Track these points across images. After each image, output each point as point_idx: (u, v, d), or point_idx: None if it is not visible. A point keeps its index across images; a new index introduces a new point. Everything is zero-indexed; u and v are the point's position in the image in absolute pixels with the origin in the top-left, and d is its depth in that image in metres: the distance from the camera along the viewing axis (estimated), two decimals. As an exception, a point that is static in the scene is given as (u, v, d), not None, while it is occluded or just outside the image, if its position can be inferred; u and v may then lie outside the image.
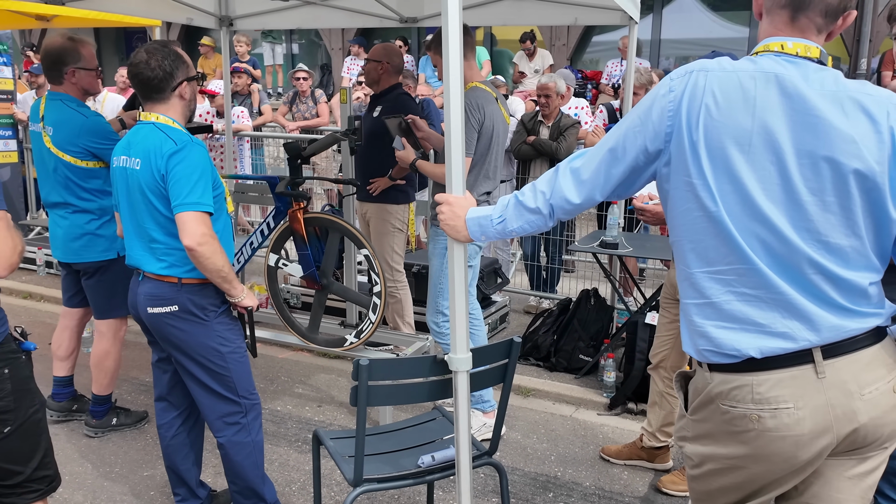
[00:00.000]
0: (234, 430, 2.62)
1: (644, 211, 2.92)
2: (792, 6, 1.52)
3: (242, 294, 2.56)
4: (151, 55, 2.49)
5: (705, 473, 1.69)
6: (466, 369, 2.01)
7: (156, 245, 2.52)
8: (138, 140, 2.50)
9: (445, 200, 1.95)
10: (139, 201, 2.49)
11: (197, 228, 2.38)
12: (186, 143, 2.44)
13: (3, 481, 2.01)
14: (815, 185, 1.45)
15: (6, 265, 1.87)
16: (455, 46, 1.89)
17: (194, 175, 2.41)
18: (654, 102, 1.56)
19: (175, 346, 2.55)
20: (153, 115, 2.54)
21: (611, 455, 3.46)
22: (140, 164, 2.46)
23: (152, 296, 2.53)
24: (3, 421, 1.95)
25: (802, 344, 1.49)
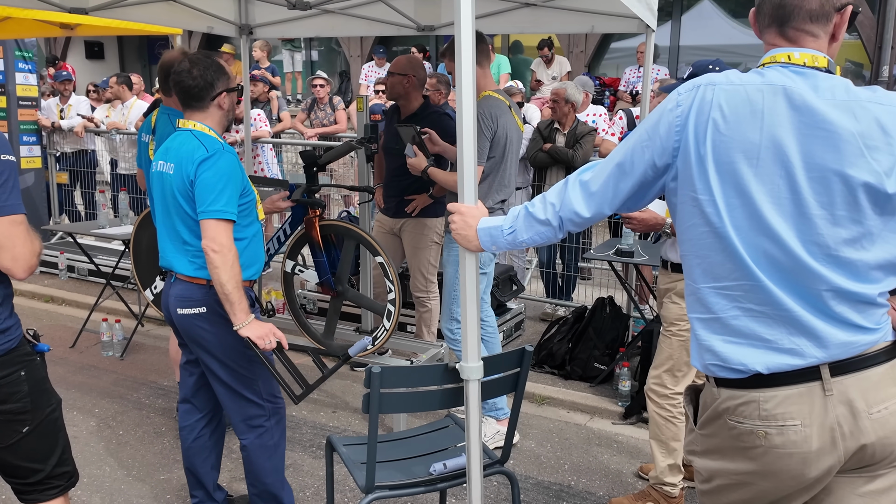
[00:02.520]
0: (258, 433, 2.65)
1: (631, 219, 2.92)
2: (777, 22, 1.53)
3: (243, 322, 2.45)
4: (194, 65, 2.55)
5: (714, 489, 1.69)
6: (477, 378, 2.02)
7: (188, 247, 2.56)
8: (175, 146, 2.56)
9: (457, 210, 1.97)
10: (172, 205, 2.55)
11: (216, 236, 2.41)
12: (217, 150, 2.48)
13: (25, 479, 2.07)
14: (824, 199, 1.44)
15: (25, 267, 1.93)
16: (468, 55, 1.91)
17: (220, 183, 2.44)
18: (662, 117, 1.57)
19: (203, 348, 2.59)
20: (191, 122, 2.59)
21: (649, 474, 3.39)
22: (173, 168, 2.52)
23: (182, 297, 2.57)
24: (21, 421, 2.00)
25: (810, 360, 1.48)
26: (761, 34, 1.60)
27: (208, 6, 4.90)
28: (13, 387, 1.98)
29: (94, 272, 6.22)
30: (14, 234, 1.90)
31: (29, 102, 7.50)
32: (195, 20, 5.04)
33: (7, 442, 2.00)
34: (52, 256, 6.63)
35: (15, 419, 2.00)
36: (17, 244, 1.90)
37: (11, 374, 1.97)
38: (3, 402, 1.97)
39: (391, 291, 3.60)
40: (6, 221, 1.88)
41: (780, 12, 1.53)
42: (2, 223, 1.88)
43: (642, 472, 3.40)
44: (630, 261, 4.20)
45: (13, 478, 2.08)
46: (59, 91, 7.70)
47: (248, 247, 2.61)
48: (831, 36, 1.54)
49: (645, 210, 2.91)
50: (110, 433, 3.77)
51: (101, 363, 4.74)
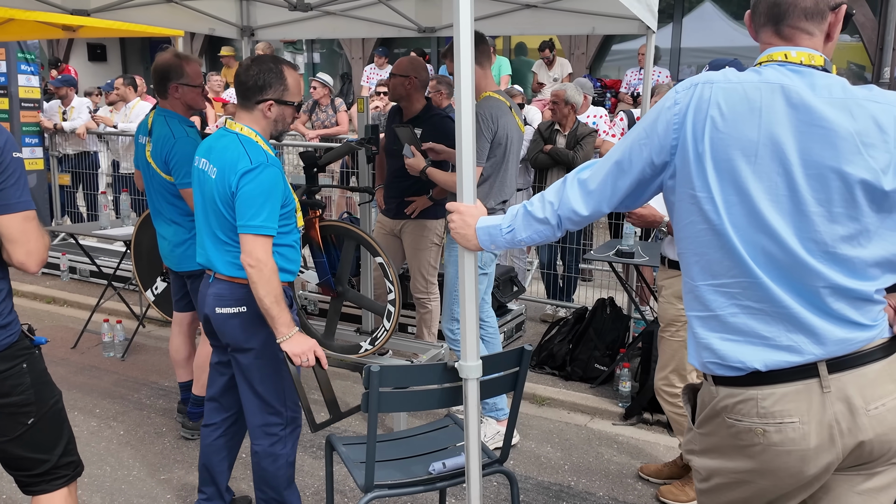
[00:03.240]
0: (272, 441, 2.63)
1: (632, 213, 2.94)
2: (772, 21, 1.54)
3: (285, 336, 2.43)
4: (255, 63, 2.53)
5: (713, 487, 1.69)
6: (476, 377, 2.03)
7: (228, 247, 2.54)
8: (219, 148, 2.52)
9: (456, 209, 1.97)
10: (211, 207, 2.53)
11: (253, 250, 2.39)
12: (261, 162, 2.42)
13: (31, 471, 2.09)
14: (822, 196, 1.45)
15: (39, 261, 1.97)
16: (467, 56, 1.91)
17: (261, 197, 2.40)
18: (660, 115, 1.57)
19: (238, 347, 2.57)
20: (238, 125, 2.55)
21: (650, 475, 3.38)
22: (216, 174, 2.48)
23: (221, 296, 2.56)
24: (26, 413, 2.03)
25: (808, 357, 1.48)
26: (757, 34, 1.60)
27: (210, 8, 4.92)
28: (16, 379, 2.01)
29: (95, 273, 6.23)
30: (28, 229, 1.94)
31: (31, 104, 7.53)
32: (197, 22, 5.05)
33: (14, 434, 2.03)
34: (54, 258, 6.64)
35: (19, 411, 2.02)
36: (31, 239, 1.94)
37: (14, 366, 2.00)
38: (7, 395, 1.99)
39: (391, 292, 3.61)
40: (20, 217, 1.92)
41: (776, 11, 1.54)
42: (16, 219, 1.91)
43: (642, 473, 3.40)
44: (630, 261, 4.20)
45: (19, 470, 2.10)
46: (59, 95, 7.71)
47: (286, 253, 2.57)
48: (826, 35, 1.55)
49: (645, 206, 2.92)
50: (111, 433, 3.77)
51: (102, 364, 4.75)
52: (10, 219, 1.91)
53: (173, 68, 3.45)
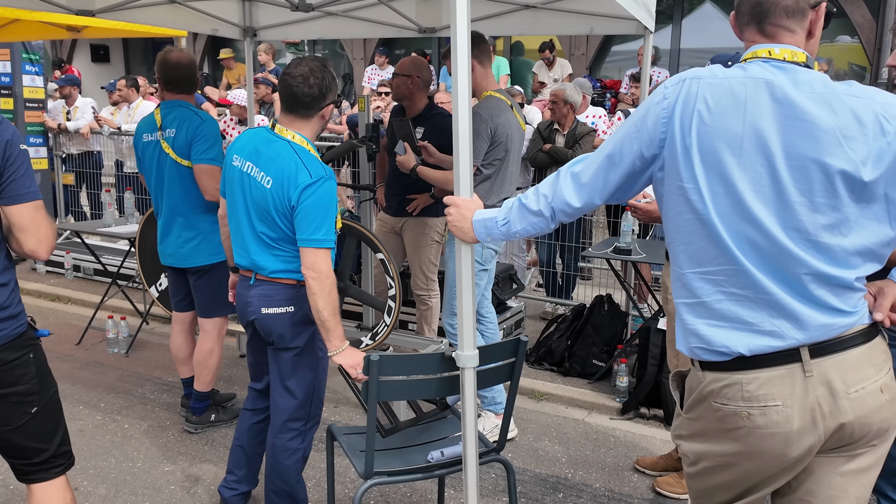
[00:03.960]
0: (291, 436, 2.69)
1: (637, 209, 3.00)
2: (756, 19, 1.60)
3: (338, 349, 2.48)
4: (313, 73, 2.51)
5: (701, 471, 1.74)
6: (473, 366, 2.08)
7: (277, 251, 2.56)
8: (271, 156, 2.50)
9: (453, 203, 2.03)
10: (262, 215, 2.53)
11: (315, 263, 2.43)
12: (321, 176, 2.45)
13: (31, 459, 2.14)
14: (804, 187, 1.50)
15: (48, 248, 2.04)
16: (463, 54, 1.97)
17: (322, 211, 2.44)
18: (650, 110, 1.63)
19: (281, 342, 2.62)
20: (290, 132, 2.55)
21: (646, 467, 3.43)
22: (272, 184, 2.48)
23: (269, 297, 2.58)
24: (30, 402, 2.09)
25: (790, 342, 1.54)
26: (742, 33, 1.66)
27: (212, 8, 4.98)
28: (23, 369, 2.07)
29: (99, 272, 6.29)
30: (37, 218, 2.00)
31: (35, 104, 7.60)
32: (199, 22, 5.11)
33: (17, 423, 2.08)
34: (58, 256, 6.71)
35: (24, 400, 2.08)
36: (41, 227, 2.01)
37: (22, 356, 2.06)
38: (15, 384, 2.05)
39: (391, 288, 3.66)
40: (30, 207, 1.99)
41: (758, 10, 1.60)
42: (26, 209, 1.98)
43: (638, 466, 3.46)
44: (628, 258, 4.26)
45: (19, 459, 2.16)
46: (63, 94, 7.78)
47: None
48: (808, 32, 1.61)
49: (652, 202, 2.98)
50: (115, 427, 3.83)
51: (106, 360, 4.81)
52: (20, 208, 1.98)
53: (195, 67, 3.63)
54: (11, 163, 1.94)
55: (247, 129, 6.08)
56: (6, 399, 2.05)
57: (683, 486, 3.21)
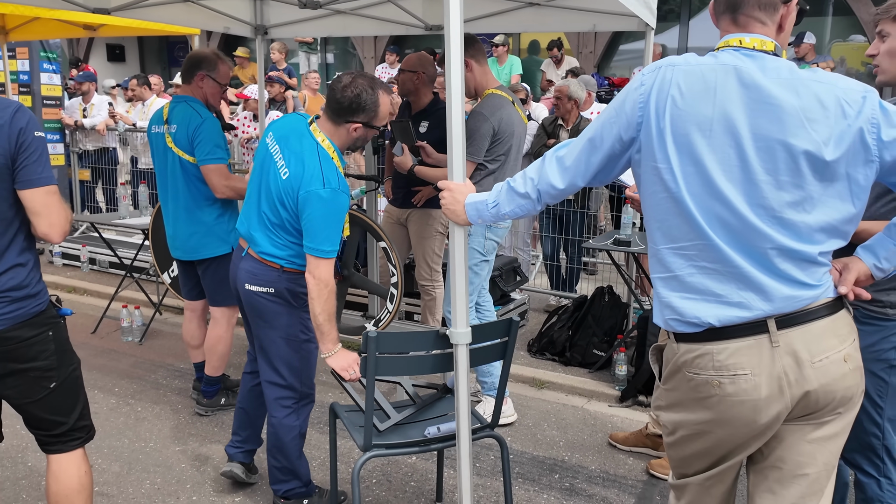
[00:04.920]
0: (286, 413, 2.81)
1: (634, 199, 3.10)
2: (730, 9, 1.70)
3: (330, 352, 2.58)
4: (353, 84, 2.58)
5: (678, 440, 1.84)
6: (466, 343, 2.19)
7: (272, 235, 2.67)
8: (296, 149, 2.58)
9: (447, 187, 2.14)
10: (271, 198, 2.63)
11: (318, 271, 2.53)
12: (334, 188, 2.51)
13: (50, 431, 2.26)
14: (770, 166, 1.60)
15: (61, 232, 2.14)
16: (456, 44, 2.08)
17: (331, 223, 2.52)
18: (628, 96, 1.73)
19: (262, 319, 2.74)
20: (321, 134, 2.63)
21: (618, 441, 3.60)
22: (287, 176, 2.56)
23: (253, 274, 2.71)
24: (48, 378, 2.20)
25: (757, 313, 1.63)
26: (717, 21, 1.76)
27: (224, 7, 5.11)
28: (42, 345, 2.18)
29: (114, 264, 6.45)
30: (50, 202, 2.10)
31: (53, 102, 7.79)
32: (212, 21, 5.25)
33: (36, 397, 2.20)
34: (74, 249, 6.88)
35: (43, 376, 2.19)
36: (53, 212, 2.11)
37: (40, 333, 2.17)
38: (33, 360, 2.16)
39: (394, 275, 3.77)
40: (42, 192, 2.09)
41: (733, 1, 1.70)
42: (39, 193, 2.09)
43: (612, 440, 3.63)
44: (627, 250, 4.34)
45: (39, 430, 2.28)
46: (82, 91, 7.96)
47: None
48: (779, 26, 1.70)
49: None
50: (129, 410, 3.97)
51: (120, 347, 4.96)
52: (33, 193, 2.08)
53: (207, 60, 3.66)
54: (25, 149, 2.04)
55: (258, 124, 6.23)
56: (26, 374, 2.17)
57: None
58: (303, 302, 2.72)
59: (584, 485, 3.26)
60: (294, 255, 2.68)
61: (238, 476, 3.10)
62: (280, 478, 2.88)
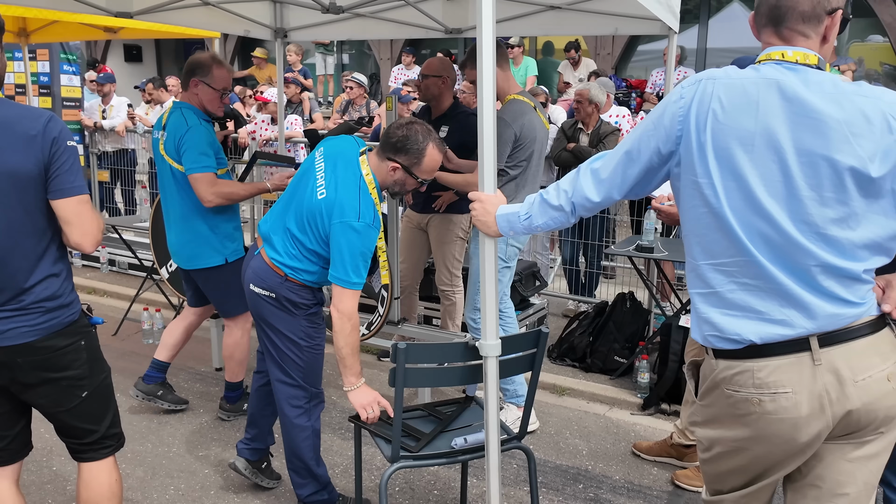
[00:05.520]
0: (297, 413, 2.82)
1: (660, 211, 3.06)
2: (772, 22, 1.67)
3: (353, 385, 2.58)
4: (407, 127, 2.64)
5: (714, 456, 1.82)
6: (495, 355, 2.17)
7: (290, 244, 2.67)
8: (340, 175, 2.60)
9: (477, 198, 2.13)
10: (299, 215, 2.65)
11: (342, 303, 2.55)
12: (368, 224, 2.53)
13: (82, 440, 2.28)
14: (813, 182, 1.57)
15: (93, 242, 2.14)
16: (488, 51, 2.07)
17: (360, 256, 2.55)
18: (667, 108, 1.71)
19: (264, 322, 2.76)
20: (367, 167, 2.65)
21: (642, 451, 3.57)
22: (324, 197, 2.58)
23: (259, 277, 2.73)
24: (80, 386, 2.21)
25: (799, 331, 1.61)
26: (759, 34, 1.73)
27: (245, 10, 5.12)
28: (75, 354, 2.19)
29: (133, 266, 6.48)
30: (82, 211, 2.10)
31: (72, 103, 7.84)
32: (232, 24, 5.26)
33: (69, 405, 2.21)
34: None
35: (76, 384, 2.20)
36: (85, 221, 2.11)
37: (73, 343, 2.18)
38: (66, 369, 2.17)
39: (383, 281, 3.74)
40: (75, 201, 2.09)
41: (776, 13, 1.67)
42: (71, 202, 2.08)
43: (635, 449, 3.60)
44: (650, 256, 4.31)
45: (70, 438, 2.29)
46: (103, 93, 8.01)
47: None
48: (823, 37, 1.67)
49: (674, 205, 3.04)
50: (151, 413, 3.98)
51: (141, 350, 4.98)
52: (65, 203, 2.08)
53: (201, 65, 3.57)
54: (57, 158, 2.04)
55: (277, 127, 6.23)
56: (58, 383, 2.17)
57: (702, 480, 3.26)
58: (303, 311, 2.74)
59: (609, 495, 3.23)
60: (302, 269, 2.69)
61: (239, 470, 3.13)
62: (299, 481, 2.89)
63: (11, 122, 1.99)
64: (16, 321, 2.07)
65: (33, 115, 2.03)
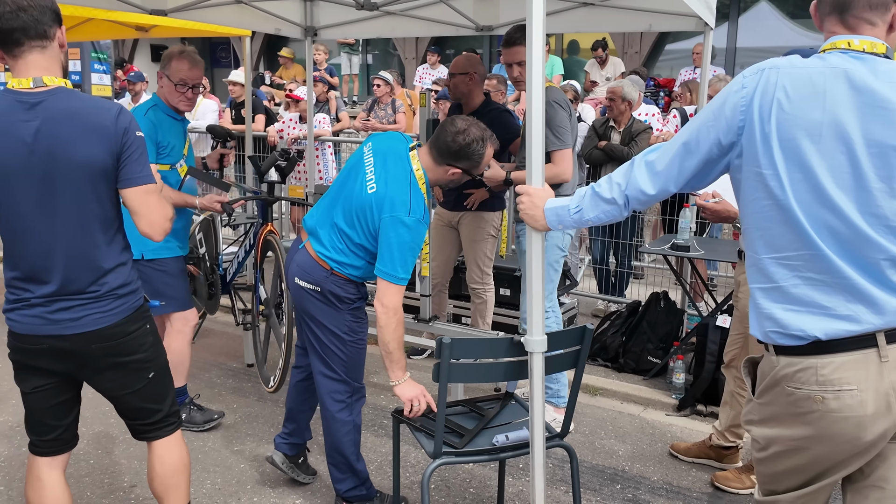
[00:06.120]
0: (339, 407, 2.81)
1: (706, 209, 3.01)
2: (837, 10, 1.63)
3: (399, 379, 2.58)
4: (467, 133, 2.61)
5: (771, 456, 1.77)
6: (541, 351, 2.14)
7: (336, 238, 2.68)
8: (391, 170, 2.61)
9: (525, 192, 2.10)
10: (348, 210, 2.65)
11: (388, 297, 2.55)
12: (418, 219, 2.55)
13: (147, 420, 2.33)
14: (884, 173, 1.53)
15: (161, 231, 2.16)
16: (538, 46, 2.04)
17: (409, 251, 2.55)
18: (728, 98, 1.67)
19: (309, 316, 2.77)
20: (418, 163, 2.66)
21: (680, 452, 3.52)
22: (374, 192, 2.59)
23: (304, 270, 2.74)
24: (147, 368, 2.28)
25: (866, 327, 1.56)
26: (822, 23, 1.69)
27: (276, 8, 5.14)
28: (142, 338, 2.25)
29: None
30: (149, 201, 2.14)
31: (103, 102, 7.91)
32: (263, 22, 5.28)
33: (136, 387, 2.27)
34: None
35: (143, 367, 2.26)
36: (153, 211, 2.14)
37: (140, 327, 2.24)
38: (135, 353, 2.23)
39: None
40: (142, 191, 2.12)
41: (842, 1, 1.62)
42: (139, 192, 2.12)
43: (673, 450, 3.54)
44: (685, 255, 4.25)
45: (136, 420, 2.34)
46: (134, 91, 8.08)
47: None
48: (889, 26, 1.63)
49: (721, 202, 3.00)
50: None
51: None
52: (133, 192, 2.11)
53: (165, 56, 3.52)
54: (126, 148, 2.09)
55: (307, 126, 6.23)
56: (128, 366, 2.23)
57: (742, 481, 3.21)
58: (347, 305, 2.74)
59: (648, 496, 3.19)
60: (348, 263, 2.69)
61: (276, 464, 3.13)
62: (338, 476, 2.88)
63: (83, 114, 2.03)
64: (91, 308, 2.13)
65: (104, 107, 2.07)
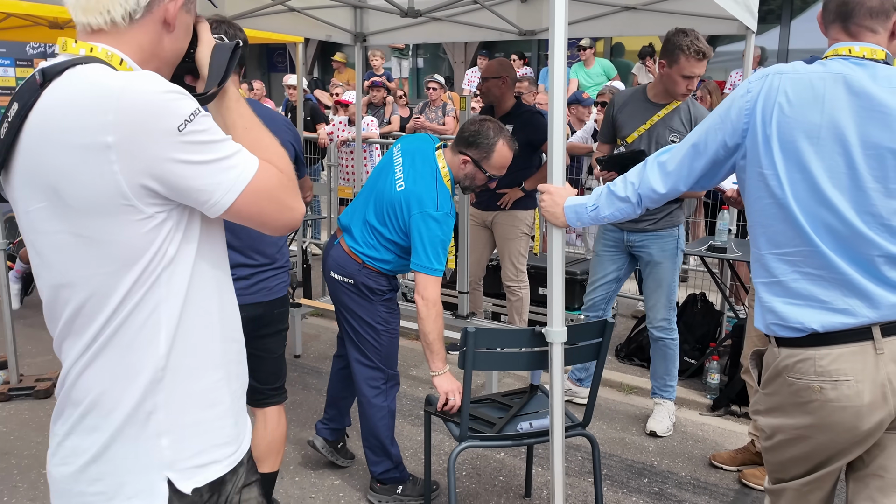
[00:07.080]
0: (375, 393, 2.97)
1: (737, 199, 3.08)
2: (840, 18, 1.70)
3: (439, 371, 2.72)
4: (479, 123, 2.83)
5: (776, 444, 1.85)
6: (561, 341, 2.25)
7: (368, 234, 2.85)
8: (418, 168, 2.78)
9: (547, 190, 2.22)
10: (379, 207, 2.82)
11: (426, 290, 2.72)
12: (445, 213, 2.71)
13: (273, 384, 2.64)
14: (879, 174, 1.60)
15: None
16: (560, 53, 2.16)
17: (440, 244, 2.71)
18: (734, 102, 1.76)
19: (344, 307, 2.95)
20: (443, 161, 2.84)
21: (724, 462, 3.43)
22: (402, 189, 2.75)
23: (338, 264, 2.93)
24: (285, 336, 2.65)
25: (862, 320, 1.64)
26: (826, 30, 1.77)
27: (327, 16, 5.36)
28: (288, 308, 2.64)
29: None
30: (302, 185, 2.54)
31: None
32: (315, 29, 5.50)
33: (279, 352, 2.60)
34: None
35: (284, 334, 2.64)
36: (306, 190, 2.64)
37: (287, 298, 2.59)
38: (284, 321, 2.62)
39: None
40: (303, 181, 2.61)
41: (844, 9, 1.70)
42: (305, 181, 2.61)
43: (714, 461, 3.47)
44: (723, 256, 4.28)
45: (266, 384, 2.60)
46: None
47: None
48: (891, 33, 1.70)
49: None
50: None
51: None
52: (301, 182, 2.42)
53: None
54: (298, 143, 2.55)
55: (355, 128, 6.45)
56: (281, 332, 2.61)
57: None
58: (379, 297, 2.90)
59: (674, 490, 3.25)
60: (379, 258, 2.85)
61: (317, 448, 3.31)
62: (374, 459, 3.04)
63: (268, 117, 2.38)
64: (279, 278, 2.50)
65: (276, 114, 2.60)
